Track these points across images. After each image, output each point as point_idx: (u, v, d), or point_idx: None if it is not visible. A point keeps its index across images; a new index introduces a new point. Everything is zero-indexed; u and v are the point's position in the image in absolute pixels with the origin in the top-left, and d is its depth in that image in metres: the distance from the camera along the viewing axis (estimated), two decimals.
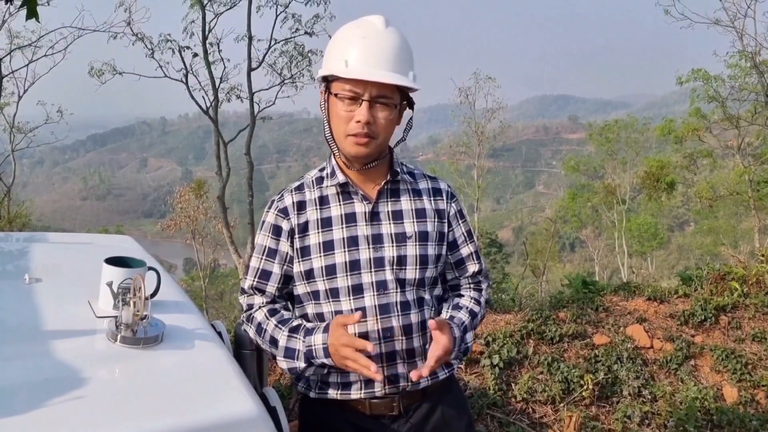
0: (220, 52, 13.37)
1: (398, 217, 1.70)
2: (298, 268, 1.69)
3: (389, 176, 1.71)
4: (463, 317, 1.72)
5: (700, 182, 21.42)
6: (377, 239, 1.66)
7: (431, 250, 1.70)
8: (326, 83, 1.66)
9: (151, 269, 1.72)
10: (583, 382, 4.12)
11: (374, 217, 1.68)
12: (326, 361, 1.59)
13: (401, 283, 1.66)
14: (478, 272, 1.81)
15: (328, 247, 1.66)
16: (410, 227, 1.69)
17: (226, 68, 13.59)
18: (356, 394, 1.66)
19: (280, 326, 1.66)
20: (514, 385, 4.14)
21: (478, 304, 1.79)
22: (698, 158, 20.49)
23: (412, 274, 1.67)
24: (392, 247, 1.66)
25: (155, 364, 1.39)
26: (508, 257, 37.23)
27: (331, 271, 1.65)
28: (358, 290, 1.64)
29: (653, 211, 26.23)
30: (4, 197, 14.96)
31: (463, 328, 1.69)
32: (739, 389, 4.31)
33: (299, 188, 1.73)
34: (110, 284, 1.59)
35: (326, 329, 1.60)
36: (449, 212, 1.78)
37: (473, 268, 1.80)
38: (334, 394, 1.68)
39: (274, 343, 1.67)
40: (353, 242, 1.65)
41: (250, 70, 13.37)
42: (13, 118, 16.88)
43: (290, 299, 1.78)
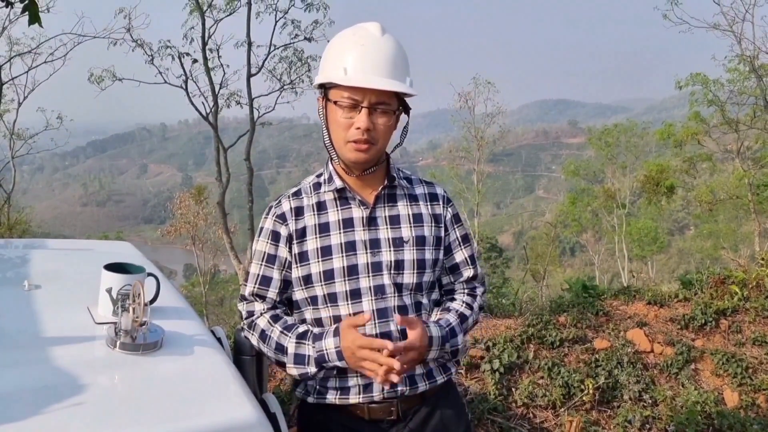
0: (219, 58, 13.41)
1: (395, 221, 1.71)
2: (296, 273, 1.69)
3: (386, 182, 1.72)
4: (450, 319, 1.72)
5: (699, 186, 21.43)
6: (375, 244, 1.67)
7: (428, 254, 1.71)
8: (324, 91, 1.67)
9: (150, 275, 1.72)
10: (583, 386, 4.12)
11: (371, 222, 1.69)
12: (339, 364, 1.59)
13: (399, 287, 1.66)
14: (473, 277, 1.82)
15: (326, 252, 1.66)
16: (407, 232, 1.70)
17: (225, 74, 13.63)
18: (354, 398, 1.67)
19: (285, 332, 1.67)
20: (514, 389, 4.14)
21: (470, 308, 1.78)
22: (698, 162, 20.49)
23: (409, 278, 1.67)
24: (390, 251, 1.67)
25: (154, 370, 1.39)
26: (508, 262, 37.25)
27: (329, 276, 1.65)
28: (356, 295, 1.65)
29: (653, 215, 26.23)
30: (4, 204, 14.96)
31: (449, 329, 1.69)
32: (739, 393, 4.31)
33: (297, 194, 1.75)
34: (110, 290, 1.59)
35: (336, 332, 1.60)
36: (446, 217, 1.78)
37: (468, 272, 1.81)
38: (332, 398, 1.68)
39: (281, 350, 1.67)
40: (351, 247, 1.66)
41: (249, 75, 13.40)
42: (13, 124, 16.88)
43: (289, 304, 1.78)
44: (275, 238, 1.71)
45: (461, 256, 1.80)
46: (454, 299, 1.81)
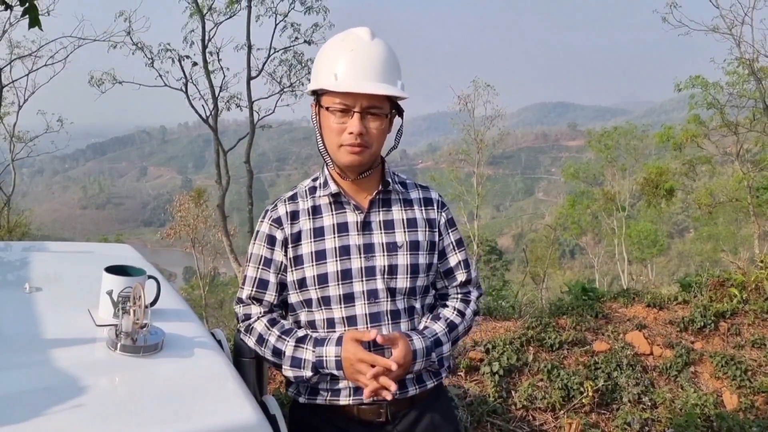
0: (219, 61, 13.40)
1: (389, 226, 1.72)
2: (291, 277, 1.71)
3: (381, 186, 1.74)
4: (437, 329, 1.73)
5: (699, 189, 21.43)
6: (368, 249, 1.69)
7: (422, 259, 1.73)
8: (316, 97, 1.70)
9: (150, 278, 1.73)
10: (583, 389, 4.12)
11: (366, 226, 1.71)
12: (336, 372, 1.62)
13: (392, 292, 1.68)
14: (467, 281, 1.83)
15: (320, 256, 1.68)
16: (401, 237, 1.72)
17: (225, 77, 13.61)
18: (345, 400, 1.69)
19: (283, 337, 1.68)
20: (514, 392, 4.14)
21: (461, 315, 1.79)
22: (697, 165, 20.49)
23: (402, 283, 1.69)
24: (383, 256, 1.68)
25: (155, 372, 1.39)
26: (508, 264, 37.23)
27: (323, 280, 1.67)
28: (349, 299, 1.67)
29: (653, 217, 26.23)
30: (3, 206, 14.97)
31: (433, 339, 1.70)
32: (738, 395, 4.31)
33: (292, 198, 1.76)
34: (110, 293, 1.60)
35: (339, 342, 1.62)
36: (440, 221, 1.80)
37: (462, 277, 1.81)
38: (323, 399, 1.71)
39: (277, 353, 1.68)
40: (345, 252, 1.68)
41: (249, 78, 13.41)
42: (13, 127, 16.91)
43: (284, 306, 1.80)
44: (271, 241, 1.73)
45: (455, 260, 1.81)
46: (446, 305, 1.82)
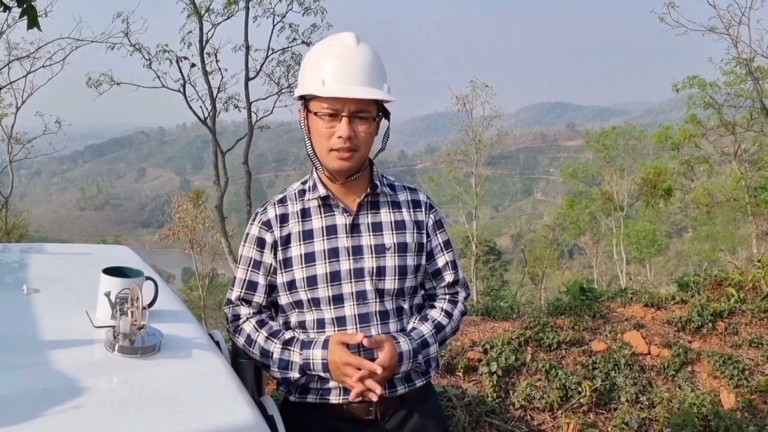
0: (217, 62, 13.44)
1: (378, 229, 1.74)
2: (281, 279, 1.73)
3: (369, 189, 1.76)
4: (424, 330, 1.75)
5: (697, 188, 21.49)
6: (357, 251, 1.71)
7: (410, 260, 1.75)
8: (304, 102, 1.72)
9: (148, 279, 1.73)
10: (581, 388, 4.13)
11: (354, 229, 1.73)
12: (323, 375, 1.64)
13: (380, 293, 1.71)
14: (454, 282, 1.85)
15: (309, 258, 1.71)
16: (389, 239, 1.74)
17: (223, 78, 13.65)
18: (335, 398, 1.71)
19: (271, 338, 1.71)
20: (512, 392, 4.14)
21: (448, 316, 1.81)
22: (695, 165, 20.54)
23: (390, 284, 1.71)
24: (372, 258, 1.71)
25: (153, 373, 1.39)
26: (506, 265, 37.29)
27: (312, 282, 1.69)
28: (338, 300, 1.69)
29: (651, 217, 26.29)
30: (1, 208, 14.97)
31: (420, 341, 1.72)
32: (736, 395, 4.32)
33: (282, 201, 1.79)
34: (108, 294, 1.60)
35: (325, 345, 1.64)
36: (428, 223, 1.82)
37: (449, 277, 1.84)
38: (313, 398, 1.73)
39: (265, 354, 1.71)
40: (334, 254, 1.70)
41: (247, 79, 13.43)
42: (11, 128, 16.93)
43: (274, 308, 1.82)
44: (260, 244, 1.75)
45: (443, 261, 1.83)
46: (433, 306, 1.84)
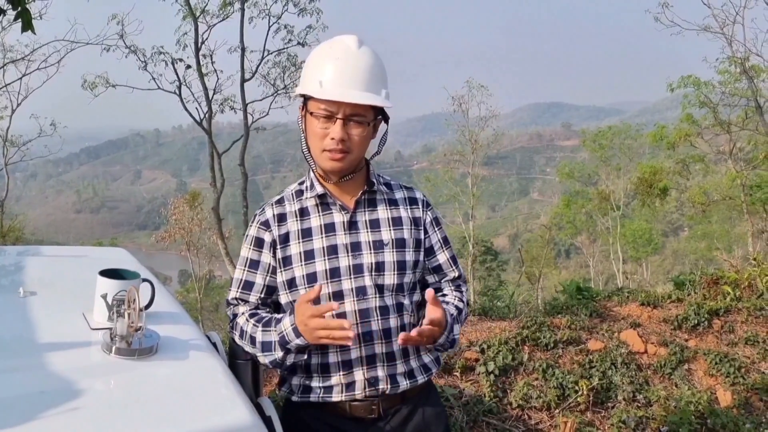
0: (213, 63, 13.42)
1: (375, 225, 1.76)
2: (280, 278, 1.74)
3: (366, 187, 1.77)
4: (451, 309, 1.78)
5: (693, 187, 21.50)
6: (356, 247, 1.72)
7: (408, 256, 1.77)
8: (303, 100, 1.74)
9: (145, 281, 1.74)
10: (578, 387, 4.14)
11: (352, 226, 1.74)
12: (299, 341, 1.61)
13: (380, 288, 1.72)
14: (457, 277, 1.89)
15: (308, 256, 1.72)
16: (387, 235, 1.76)
17: (219, 79, 13.63)
18: (337, 396, 1.71)
19: (256, 325, 1.71)
20: (509, 391, 4.15)
21: (461, 302, 1.85)
22: (691, 163, 20.57)
23: (390, 279, 1.73)
24: (370, 254, 1.72)
25: (150, 375, 1.40)
26: (503, 264, 37.28)
27: (312, 279, 1.70)
28: (338, 296, 1.70)
29: (647, 216, 26.32)
30: None
31: (452, 318, 1.75)
32: (732, 393, 4.33)
33: (279, 201, 1.80)
34: (105, 296, 1.61)
35: (292, 312, 1.64)
36: (425, 220, 1.84)
37: (452, 273, 1.88)
38: (315, 397, 1.73)
39: (253, 342, 1.70)
40: (333, 251, 1.72)
41: (243, 81, 13.42)
42: (6, 131, 16.88)
43: (276, 309, 1.82)
44: (259, 244, 1.76)
45: (444, 257, 1.86)
46: (445, 294, 1.87)
